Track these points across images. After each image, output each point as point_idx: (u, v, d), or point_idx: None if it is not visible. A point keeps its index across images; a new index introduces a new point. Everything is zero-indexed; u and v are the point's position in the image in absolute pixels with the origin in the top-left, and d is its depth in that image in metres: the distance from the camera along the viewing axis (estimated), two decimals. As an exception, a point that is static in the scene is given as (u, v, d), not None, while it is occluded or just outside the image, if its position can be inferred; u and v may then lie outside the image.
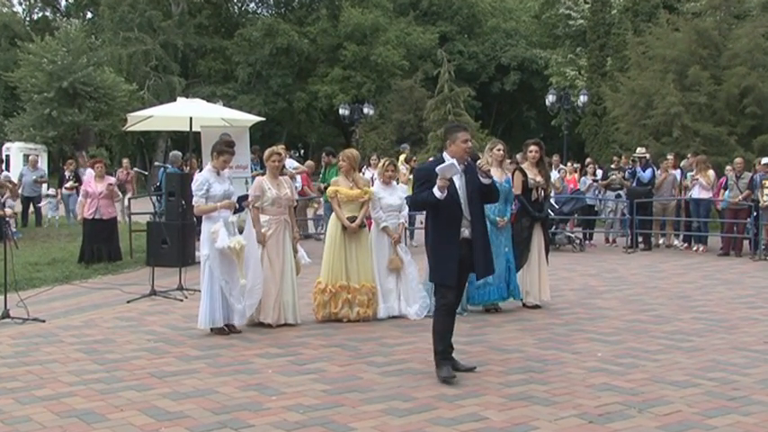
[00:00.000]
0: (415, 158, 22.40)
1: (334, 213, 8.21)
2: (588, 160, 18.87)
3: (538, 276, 8.80)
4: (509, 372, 6.00)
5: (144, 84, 40.51)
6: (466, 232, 5.75)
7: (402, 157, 18.77)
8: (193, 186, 7.60)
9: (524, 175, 8.79)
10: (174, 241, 11.45)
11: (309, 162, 17.52)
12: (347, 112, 33.50)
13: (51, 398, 5.28)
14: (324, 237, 14.16)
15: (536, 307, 8.74)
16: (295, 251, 7.88)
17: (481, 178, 5.76)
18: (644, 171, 15.38)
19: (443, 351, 5.79)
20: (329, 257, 8.02)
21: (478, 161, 5.77)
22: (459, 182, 5.75)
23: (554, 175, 15.39)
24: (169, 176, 12.90)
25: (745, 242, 14.35)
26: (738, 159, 14.84)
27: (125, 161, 22.47)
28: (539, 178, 8.81)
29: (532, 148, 8.92)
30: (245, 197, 7.63)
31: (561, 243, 15.06)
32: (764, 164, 14.13)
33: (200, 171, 8.91)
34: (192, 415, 4.93)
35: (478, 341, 7.14)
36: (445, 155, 5.75)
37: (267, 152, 8.00)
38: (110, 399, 5.25)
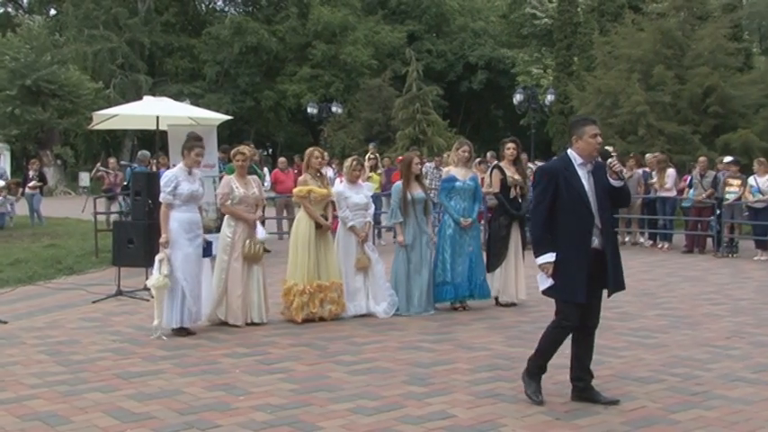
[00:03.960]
0: (384, 156, 22.38)
1: (301, 213, 8.17)
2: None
3: (514, 275, 8.75)
4: (477, 370, 6.03)
5: (110, 82, 40.07)
6: (596, 241, 5.08)
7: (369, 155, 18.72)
8: (162, 182, 7.50)
9: (503, 173, 8.77)
10: (140, 241, 11.31)
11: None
12: (315, 111, 33.45)
13: (13, 401, 5.19)
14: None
15: (511, 305, 8.72)
16: (252, 235, 7.74)
17: (611, 180, 5.12)
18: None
19: (543, 366, 5.27)
20: (303, 258, 7.86)
21: (609, 160, 5.14)
22: (587, 184, 5.10)
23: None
24: (136, 175, 12.74)
25: (709, 239, 14.58)
26: (702, 158, 15.06)
27: (111, 161, 18.63)
28: (516, 176, 8.82)
29: (510, 145, 8.86)
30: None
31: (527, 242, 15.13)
32: (726, 162, 14.37)
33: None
34: (157, 416, 4.88)
35: (446, 339, 7.17)
36: (571, 152, 5.16)
37: (232, 152, 8.01)
38: (74, 401, 5.18)
